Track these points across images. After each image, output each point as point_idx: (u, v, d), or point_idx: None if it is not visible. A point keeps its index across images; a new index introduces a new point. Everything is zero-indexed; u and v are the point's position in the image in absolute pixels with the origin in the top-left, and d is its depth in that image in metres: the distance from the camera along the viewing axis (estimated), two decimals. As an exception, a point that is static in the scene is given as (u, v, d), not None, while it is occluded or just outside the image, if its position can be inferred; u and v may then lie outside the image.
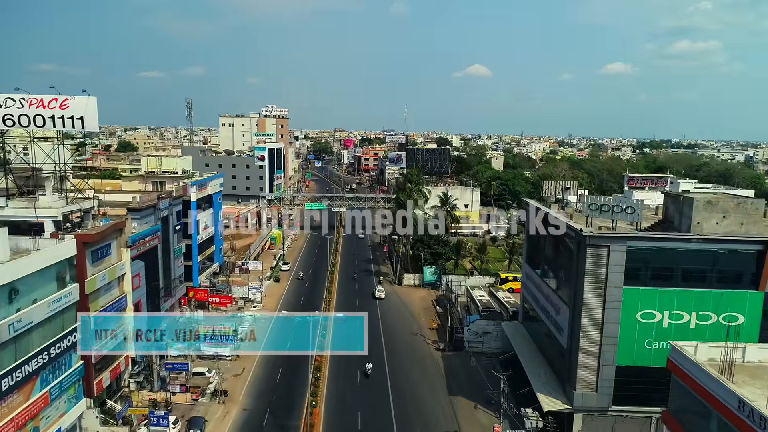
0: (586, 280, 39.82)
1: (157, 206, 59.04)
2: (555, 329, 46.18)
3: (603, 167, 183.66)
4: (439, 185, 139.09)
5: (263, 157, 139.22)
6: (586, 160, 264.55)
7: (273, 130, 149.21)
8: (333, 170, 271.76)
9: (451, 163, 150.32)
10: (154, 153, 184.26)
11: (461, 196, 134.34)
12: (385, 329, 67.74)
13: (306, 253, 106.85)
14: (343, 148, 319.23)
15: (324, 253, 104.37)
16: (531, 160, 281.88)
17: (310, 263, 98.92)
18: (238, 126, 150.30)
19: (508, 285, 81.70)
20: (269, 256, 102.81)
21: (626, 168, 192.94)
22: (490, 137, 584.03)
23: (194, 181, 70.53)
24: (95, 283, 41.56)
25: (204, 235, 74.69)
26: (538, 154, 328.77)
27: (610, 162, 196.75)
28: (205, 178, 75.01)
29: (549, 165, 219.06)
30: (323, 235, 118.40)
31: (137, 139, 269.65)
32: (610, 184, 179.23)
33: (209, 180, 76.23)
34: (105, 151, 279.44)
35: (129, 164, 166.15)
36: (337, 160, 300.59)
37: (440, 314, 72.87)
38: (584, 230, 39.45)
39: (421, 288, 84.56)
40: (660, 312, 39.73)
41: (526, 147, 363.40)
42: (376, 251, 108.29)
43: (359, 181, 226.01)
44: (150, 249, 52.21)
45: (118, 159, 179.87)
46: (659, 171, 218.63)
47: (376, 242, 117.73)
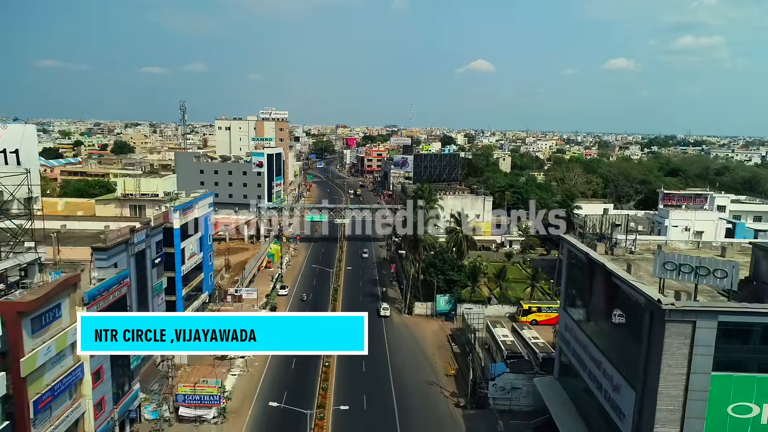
0: (663, 363, 30.69)
1: (130, 241, 50.04)
2: (611, 408, 37.12)
3: (617, 171, 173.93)
4: (449, 194, 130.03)
5: (261, 163, 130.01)
6: (594, 161, 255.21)
7: (272, 134, 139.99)
8: (335, 171, 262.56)
9: (461, 169, 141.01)
10: (148, 157, 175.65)
11: (472, 205, 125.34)
12: (395, 373, 58.92)
13: (306, 271, 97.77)
14: (345, 147, 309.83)
15: (326, 272, 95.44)
16: (539, 161, 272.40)
17: (310, 285, 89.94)
18: (235, 130, 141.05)
19: (532, 316, 72.81)
20: (266, 276, 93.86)
21: (643, 172, 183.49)
22: (494, 133, 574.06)
23: (178, 205, 61.48)
24: (35, 361, 32.63)
25: (190, 264, 65.73)
26: (545, 153, 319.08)
27: (624, 165, 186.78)
28: (190, 200, 65.96)
29: (560, 168, 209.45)
30: (324, 251, 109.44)
31: (134, 139, 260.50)
32: (626, 190, 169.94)
33: (196, 201, 67.19)
34: (102, 150, 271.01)
35: (121, 169, 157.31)
36: (339, 160, 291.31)
37: (457, 355, 63.89)
38: (663, 302, 30.23)
39: (433, 319, 75.53)
40: (758, 405, 30.67)
41: (531, 145, 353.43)
42: (382, 269, 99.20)
43: (362, 183, 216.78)
44: (117, 300, 43.15)
45: (110, 162, 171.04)
46: (673, 174, 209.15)
47: (381, 257, 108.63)
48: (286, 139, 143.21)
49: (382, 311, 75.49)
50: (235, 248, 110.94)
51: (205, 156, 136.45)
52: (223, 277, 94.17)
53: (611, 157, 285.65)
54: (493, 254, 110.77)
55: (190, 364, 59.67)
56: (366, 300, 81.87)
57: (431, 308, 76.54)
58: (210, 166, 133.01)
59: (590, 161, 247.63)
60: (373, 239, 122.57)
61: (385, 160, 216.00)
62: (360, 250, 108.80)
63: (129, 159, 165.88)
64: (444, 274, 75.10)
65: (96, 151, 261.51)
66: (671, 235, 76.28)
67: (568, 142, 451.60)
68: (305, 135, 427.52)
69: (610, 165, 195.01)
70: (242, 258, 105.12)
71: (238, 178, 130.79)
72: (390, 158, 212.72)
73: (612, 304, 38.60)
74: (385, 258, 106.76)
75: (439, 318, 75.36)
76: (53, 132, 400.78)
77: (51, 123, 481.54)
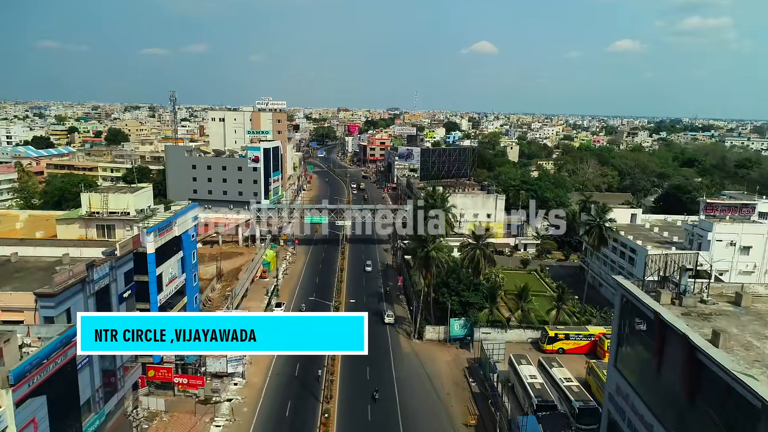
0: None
1: (87, 278, 41.06)
2: None
3: (634, 163, 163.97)
4: (458, 191, 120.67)
5: (257, 158, 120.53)
6: (605, 149, 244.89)
7: (269, 126, 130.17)
8: (337, 159, 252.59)
9: (471, 164, 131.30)
10: (140, 148, 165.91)
11: (483, 204, 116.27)
12: (405, 421, 50.30)
13: (305, 282, 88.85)
14: (347, 133, 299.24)
15: (326, 284, 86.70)
16: (546, 149, 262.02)
17: (309, 300, 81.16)
18: (230, 121, 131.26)
19: (558, 345, 64.03)
20: (260, 289, 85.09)
21: (660, 164, 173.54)
22: (497, 117, 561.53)
23: (152, 225, 52.29)
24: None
25: (170, 290, 56.78)
26: (552, 139, 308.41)
27: (640, 157, 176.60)
28: (168, 217, 56.77)
29: (571, 158, 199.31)
30: (325, 257, 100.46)
31: (129, 126, 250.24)
32: (643, 183, 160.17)
33: (176, 218, 58.04)
34: (96, 138, 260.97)
35: (111, 161, 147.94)
36: (341, 147, 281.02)
37: (476, 396, 55.19)
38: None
39: (446, 346, 66.65)
40: None
41: (538, 132, 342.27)
42: (388, 280, 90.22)
43: (365, 173, 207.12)
44: (57, 371, 34.08)
45: (100, 154, 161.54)
46: (689, 164, 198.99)
47: (386, 264, 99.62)
48: (284, 131, 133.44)
49: (387, 318, 72.23)
50: (228, 252, 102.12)
51: (198, 150, 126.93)
52: (214, 288, 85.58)
53: (621, 145, 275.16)
54: (507, 260, 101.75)
55: (167, 411, 51.12)
56: (371, 321, 72.97)
57: (444, 333, 67.71)
58: (203, 161, 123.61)
59: (601, 149, 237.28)
60: (377, 241, 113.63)
61: (388, 149, 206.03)
62: (363, 259, 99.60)
63: (119, 151, 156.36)
64: (459, 295, 66.18)
65: (90, 138, 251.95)
66: (715, 251, 67.10)
67: (574, 127, 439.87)
68: (306, 120, 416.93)
69: (624, 155, 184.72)
70: (236, 264, 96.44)
71: (233, 173, 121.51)
72: (394, 148, 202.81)
73: (696, 387, 29.44)
74: (391, 265, 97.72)
75: (453, 344, 66.57)
76: (49, 116, 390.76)
77: (48, 107, 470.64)
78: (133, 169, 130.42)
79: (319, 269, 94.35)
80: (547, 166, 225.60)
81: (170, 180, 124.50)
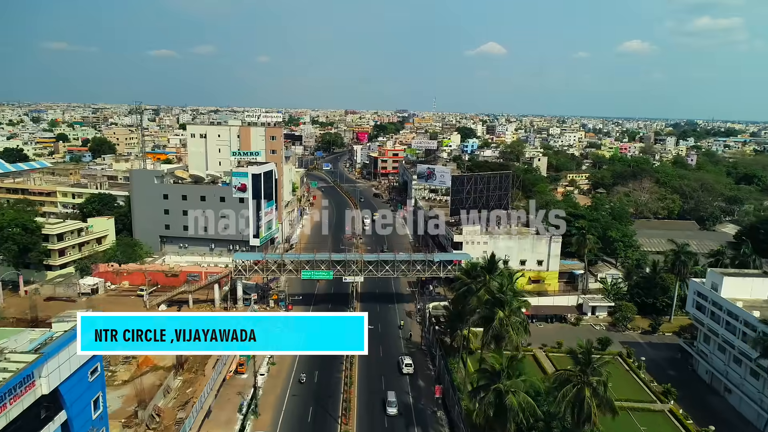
0: None
1: None
2: None
3: (698, 185, 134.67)
4: (498, 228, 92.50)
5: (244, 186, 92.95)
6: (642, 161, 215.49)
7: (261, 144, 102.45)
8: (344, 171, 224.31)
9: (514, 192, 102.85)
10: (114, 166, 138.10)
11: (533, 248, 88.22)
12: None
13: (296, 389, 60.62)
14: (355, 140, 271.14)
15: (328, 383, 58.93)
16: (575, 159, 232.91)
17: (303, 423, 53.23)
18: (213, 138, 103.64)
19: None
20: (232, 396, 57.34)
21: (729, 187, 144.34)
22: (509, 120, 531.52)
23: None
24: None
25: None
26: (577, 147, 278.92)
27: (706, 177, 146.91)
28: (25, 367, 28.92)
29: (609, 174, 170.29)
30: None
31: (117, 134, 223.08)
32: (710, 209, 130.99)
33: (43, 361, 30.16)
34: (82, 147, 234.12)
35: (71, 186, 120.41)
36: (348, 156, 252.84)
37: None
38: None
39: None
40: None
41: (559, 138, 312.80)
42: (418, 379, 62.14)
43: (377, 191, 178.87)
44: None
45: (65, 173, 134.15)
46: (747, 181, 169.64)
47: (414, 342, 71.39)
48: (280, 150, 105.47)
49: (405, 368, 61.29)
50: (199, 321, 74.72)
51: (171, 175, 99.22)
52: (169, 390, 58.04)
53: (656, 155, 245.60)
54: (574, 332, 73.61)
55: None
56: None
57: None
58: (176, 189, 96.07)
59: (637, 162, 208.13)
60: (397, 296, 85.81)
61: (402, 163, 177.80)
62: (381, 333, 71.83)
63: (88, 169, 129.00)
64: None
65: (77, 148, 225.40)
66: None
67: (596, 132, 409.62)
68: (312, 124, 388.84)
69: (685, 176, 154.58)
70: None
71: (215, 205, 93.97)
72: (409, 161, 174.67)
73: None
74: (420, 345, 69.33)
75: None
76: (46, 120, 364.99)
77: (46, 110, 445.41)
78: (93, 198, 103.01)
79: (318, 362, 66.21)
80: (579, 180, 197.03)
81: (137, 213, 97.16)
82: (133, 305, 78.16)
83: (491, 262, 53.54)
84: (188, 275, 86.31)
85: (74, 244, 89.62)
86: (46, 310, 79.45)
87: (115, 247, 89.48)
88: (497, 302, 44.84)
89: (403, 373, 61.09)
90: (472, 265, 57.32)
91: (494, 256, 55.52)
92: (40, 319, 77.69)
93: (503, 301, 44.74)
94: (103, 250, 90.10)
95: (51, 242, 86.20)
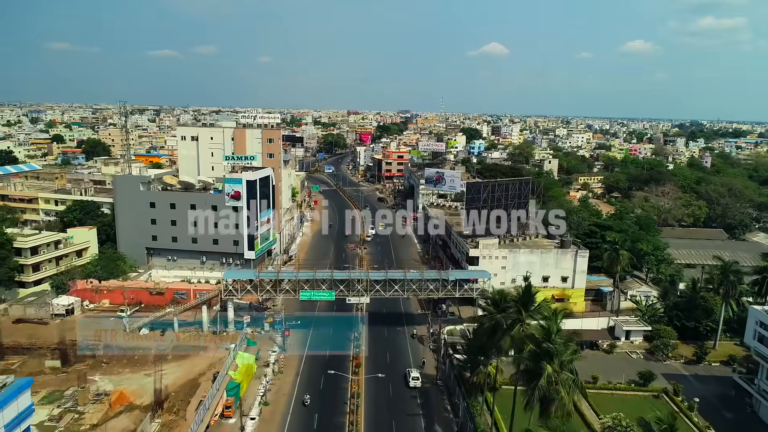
0: None
1: None
2: None
3: (725, 189, 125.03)
4: (517, 240, 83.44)
5: (238, 193, 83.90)
6: (656, 163, 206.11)
7: (257, 147, 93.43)
8: (347, 174, 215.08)
9: (535, 199, 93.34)
10: (103, 170, 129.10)
11: (557, 263, 79.08)
12: None
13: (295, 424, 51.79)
14: (358, 142, 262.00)
15: (329, 424, 49.90)
16: (586, 161, 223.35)
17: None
18: (205, 140, 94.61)
19: None
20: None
21: (754, 190, 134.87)
22: (512, 120, 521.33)
23: None
24: None
25: None
26: (587, 149, 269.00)
27: (734, 182, 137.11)
28: None
29: (623, 177, 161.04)
30: (330, 360, 62.97)
31: (111, 136, 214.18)
32: (738, 216, 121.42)
33: None
34: (76, 149, 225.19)
35: (54, 192, 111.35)
36: (352, 158, 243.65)
37: None
38: None
39: None
40: None
41: (568, 140, 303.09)
42: (431, 409, 53.08)
43: (381, 194, 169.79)
44: None
45: (50, 177, 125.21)
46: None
47: (422, 368, 62.23)
48: (278, 154, 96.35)
49: (412, 382, 57.42)
50: (184, 349, 65.47)
51: (159, 181, 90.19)
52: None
53: (669, 157, 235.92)
54: (607, 363, 64.46)
55: None
56: None
57: None
58: (164, 197, 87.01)
59: (652, 164, 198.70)
60: (407, 317, 76.67)
61: (408, 165, 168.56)
62: (389, 363, 62.87)
63: (74, 174, 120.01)
64: None
65: (71, 150, 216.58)
66: None
67: (603, 133, 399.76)
68: (314, 124, 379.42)
69: (705, 180, 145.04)
70: (194, 370, 61.30)
71: (206, 215, 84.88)
72: (415, 164, 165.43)
73: None
74: (435, 379, 60.08)
75: None
76: (44, 121, 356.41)
77: (45, 111, 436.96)
78: (75, 206, 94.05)
79: (320, 388, 57.27)
80: (592, 183, 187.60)
81: (121, 223, 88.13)
82: (110, 328, 69.19)
83: (527, 294, 44.25)
84: (175, 293, 77.62)
85: (51, 257, 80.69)
86: (14, 334, 70.78)
87: (95, 261, 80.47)
88: (544, 353, 35.68)
89: (410, 386, 57.19)
90: (499, 293, 48.01)
91: (530, 287, 45.95)
92: (6, 346, 69.24)
93: (551, 352, 35.56)
94: (82, 265, 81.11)
95: (24, 256, 77.29)
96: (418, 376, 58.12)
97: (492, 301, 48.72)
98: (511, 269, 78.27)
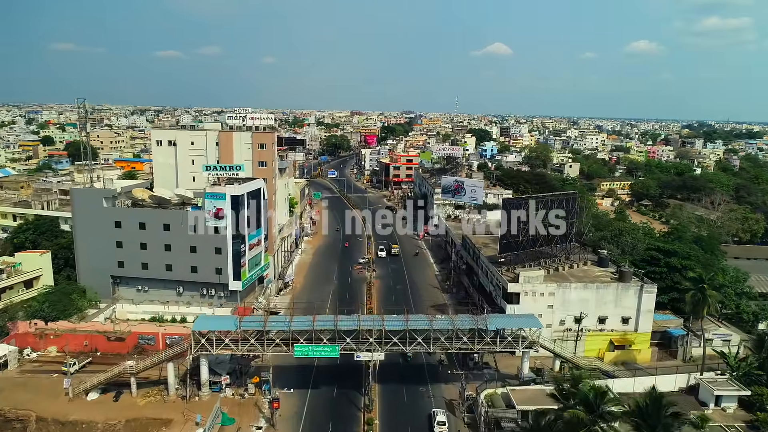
0: None
1: None
2: None
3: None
4: (565, 270, 66.93)
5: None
6: (683, 167, 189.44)
7: (246, 154, 77.22)
8: (352, 178, 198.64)
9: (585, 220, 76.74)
10: (77, 177, 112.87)
11: (616, 301, 62.63)
12: None
13: None
14: (362, 143, 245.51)
15: None
16: (607, 165, 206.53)
17: None
18: (184, 145, 78.26)
19: None
20: None
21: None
22: (519, 121, 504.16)
23: None
24: None
25: None
26: (605, 151, 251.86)
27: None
28: None
29: (654, 185, 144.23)
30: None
31: (101, 137, 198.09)
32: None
33: None
34: (63, 151, 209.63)
35: (12, 206, 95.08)
36: (356, 161, 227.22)
37: None
38: None
39: None
40: None
41: (583, 141, 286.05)
42: None
43: (389, 201, 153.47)
44: None
45: (15, 186, 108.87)
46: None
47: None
48: (272, 161, 79.85)
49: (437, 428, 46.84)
50: (141, 425, 48.94)
51: (128, 195, 73.68)
52: None
53: (695, 161, 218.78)
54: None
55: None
56: None
57: None
58: (132, 215, 70.52)
59: (679, 169, 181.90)
60: (431, 374, 59.96)
61: (419, 170, 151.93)
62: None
63: (42, 183, 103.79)
64: None
65: (58, 152, 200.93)
66: None
67: (618, 134, 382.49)
68: (317, 125, 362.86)
69: (749, 186, 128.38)
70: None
71: (182, 237, 68.71)
72: (426, 169, 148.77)
73: None
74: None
75: None
76: (39, 121, 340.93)
77: (42, 111, 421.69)
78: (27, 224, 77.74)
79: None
80: (618, 189, 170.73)
81: (80, 246, 71.75)
82: (50, 390, 52.92)
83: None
84: (139, 338, 61.41)
85: (-12, 291, 64.57)
86: None
87: (42, 295, 64.22)
88: None
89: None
90: (582, 386, 31.62)
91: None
92: None
93: None
94: (26, 301, 64.88)
95: (-48, 291, 61.16)
96: (445, 421, 47.48)
97: (562, 392, 32.25)
98: (560, 308, 61.77)
